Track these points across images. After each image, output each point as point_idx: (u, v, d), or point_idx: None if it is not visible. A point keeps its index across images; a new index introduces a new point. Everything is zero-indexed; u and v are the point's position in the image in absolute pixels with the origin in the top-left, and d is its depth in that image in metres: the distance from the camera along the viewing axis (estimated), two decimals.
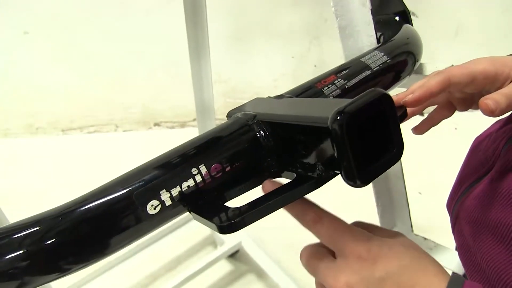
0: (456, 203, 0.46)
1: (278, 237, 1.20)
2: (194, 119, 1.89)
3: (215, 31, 1.80)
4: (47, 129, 1.89)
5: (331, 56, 1.89)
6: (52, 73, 1.86)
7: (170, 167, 0.30)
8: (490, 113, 0.34)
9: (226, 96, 1.96)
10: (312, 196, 0.31)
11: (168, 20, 1.71)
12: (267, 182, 0.32)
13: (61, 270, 0.29)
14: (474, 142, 0.52)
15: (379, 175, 0.27)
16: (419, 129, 0.47)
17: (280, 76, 1.97)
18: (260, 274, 1.19)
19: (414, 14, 1.82)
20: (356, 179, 0.26)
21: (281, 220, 0.32)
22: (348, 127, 0.25)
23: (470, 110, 0.45)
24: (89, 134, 1.90)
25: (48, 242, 0.28)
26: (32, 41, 1.82)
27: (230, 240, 1.18)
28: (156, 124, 1.94)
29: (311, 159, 0.30)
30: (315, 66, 1.95)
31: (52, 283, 0.31)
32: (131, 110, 1.93)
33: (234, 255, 1.24)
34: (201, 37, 0.86)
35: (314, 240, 0.33)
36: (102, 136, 1.89)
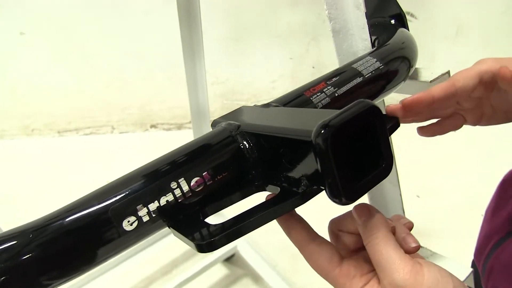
0: (489, 256, 0.43)
1: (274, 240, 1.18)
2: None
3: (212, 32, 1.79)
4: (43, 130, 1.88)
5: (330, 57, 1.87)
6: (49, 74, 1.84)
7: (148, 181, 0.28)
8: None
9: (224, 97, 1.95)
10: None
11: (166, 21, 1.69)
12: None
13: (40, 286, 0.28)
14: (502, 182, 0.48)
15: (367, 192, 0.26)
16: (425, 131, 0.44)
17: (278, 78, 1.95)
18: (256, 278, 1.18)
19: (413, 16, 1.81)
20: (342, 197, 0.25)
21: (277, 224, 0.31)
22: (332, 141, 0.24)
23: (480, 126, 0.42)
24: (85, 136, 1.89)
25: (23, 258, 0.27)
26: (29, 42, 1.80)
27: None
28: (152, 126, 1.92)
29: (296, 173, 0.28)
30: (313, 67, 1.93)
31: None
32: (128, 111, 1.91)
33: (230, 259, 1.23)
34: (195, 39, 0.85)
35: None
36: (98, 138, 1.88)
